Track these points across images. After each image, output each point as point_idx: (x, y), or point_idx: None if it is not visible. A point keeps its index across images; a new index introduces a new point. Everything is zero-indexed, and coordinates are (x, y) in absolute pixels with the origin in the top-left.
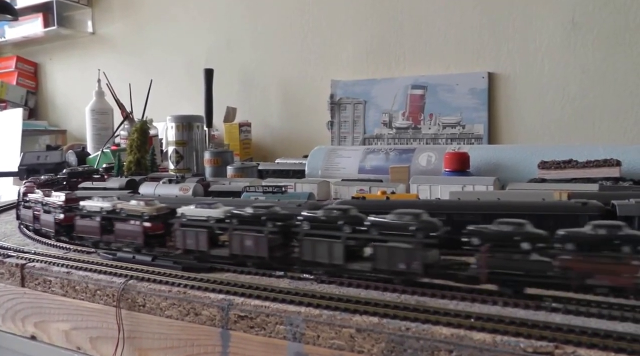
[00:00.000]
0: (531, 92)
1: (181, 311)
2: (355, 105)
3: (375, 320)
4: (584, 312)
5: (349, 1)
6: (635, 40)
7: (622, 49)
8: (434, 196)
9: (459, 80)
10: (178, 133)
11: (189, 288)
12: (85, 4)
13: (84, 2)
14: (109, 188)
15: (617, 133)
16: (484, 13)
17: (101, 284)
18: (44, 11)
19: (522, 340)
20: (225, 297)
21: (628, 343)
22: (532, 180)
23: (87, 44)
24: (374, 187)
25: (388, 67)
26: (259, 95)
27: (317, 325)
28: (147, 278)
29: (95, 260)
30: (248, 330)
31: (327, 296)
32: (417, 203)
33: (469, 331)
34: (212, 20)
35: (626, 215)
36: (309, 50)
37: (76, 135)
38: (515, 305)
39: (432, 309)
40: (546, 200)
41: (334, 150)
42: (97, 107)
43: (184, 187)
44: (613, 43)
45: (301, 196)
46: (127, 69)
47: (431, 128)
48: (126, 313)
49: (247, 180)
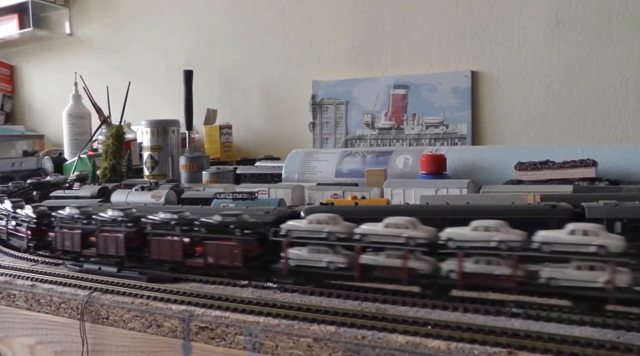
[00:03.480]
0: (515, 90)
1: (144, 323)
2: (337, 105)
3: (333, 329)
4: (544, 317)
5: (331, 1)
6: (619, 37)
7: (605, 45)
8: (408, 200)
9: (441, 79)
10: (153, 138)
11: (151, 299)
12: (62, 5)
13: (61, 2)
14: (80, 196)
15: (602, 130)
16: (467, 11)
17: (65, 297)
18: (19, 12)
19: (477, 346)
20: (187, 308)
21: (581, 347)
22: (508, 182)
23: (65, 45)
24: (348, 191)
25: (370, 67)
26: (240, 96)
27: (276, 335)
28: (111, 290)
29: (61, 272)
30: (209, 341)
31: (287, 305)
32: (385, 209)
33: (425, 338)
34: (193, 21)
35: (595, 217)
36: (290, 51)
37: (54, 140)
38: (476, 311)
39: (391, 317)
40: (516, 204)
41: (311, 153)
42: (74, 111)
43: (156, 194)
44: (596, 40)
45: (271, 202)
46: (106, 71)
47: (414, 128)
48: (90, 326)
49: (221, 186)
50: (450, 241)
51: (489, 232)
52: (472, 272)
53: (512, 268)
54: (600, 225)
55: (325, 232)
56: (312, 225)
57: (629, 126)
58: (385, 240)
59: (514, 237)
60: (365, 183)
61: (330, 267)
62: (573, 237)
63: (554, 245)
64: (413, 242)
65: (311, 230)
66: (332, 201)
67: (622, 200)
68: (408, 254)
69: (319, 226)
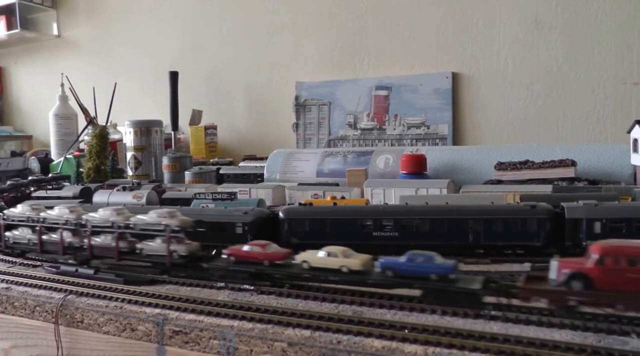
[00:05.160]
0: (495, 91)
1: (118, 326)
2: (320, 106)
3: (308, 333)
4: (524, 320)
5: (314, 3)
6: (597, 39)
7: (584, 47)
8: (388, 200)
9: (423, 80)
10: (136, 138)
11: (126, 302)
12: (50, 6)
13: (49, 3)
14: (62, 197)
15: (580, 131)
16: (448, 13)
17: (40, 300)
18: (6, 13)
19: (454, 351)
20: (161, 312)
21: (562, 352)
22: (488, 182)
23: (53, 47)
24: (329, 191)
25: (352, 68)
26: (225, 97)
27: (250, 339)
28: (86, 293)
29: (38, 275)
30: (183, 345)
31: (263, 308)
32: (364, 209)
33: (402, 343)
34: (179, 23)
35: (574, 217)
36: (274, 53)
37: (43, 141)
38: (455, 313)
39: (367, 320)
40: (495, 204)
41: (292, 153)
42: (60, 112)
43: (137, 195)
44: (575, 42)
45: (250, 203)
46: (93, 73)
47: (396, 128)
48: (65, 330)
49: (203, 186)
50: (88, 222)
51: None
52: (96, 245)
53: (115, 241)
54: (175, 209)
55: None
56: (23, 211)
57: (607, 127)
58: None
59: (122, 219)
60: (346, 183)
61: (30, 243)
62: (151, 218)
63: (140, 225)
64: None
65: (21, 215)
66: (311, 201)
67: (602, 200)
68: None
69: (30, 213)
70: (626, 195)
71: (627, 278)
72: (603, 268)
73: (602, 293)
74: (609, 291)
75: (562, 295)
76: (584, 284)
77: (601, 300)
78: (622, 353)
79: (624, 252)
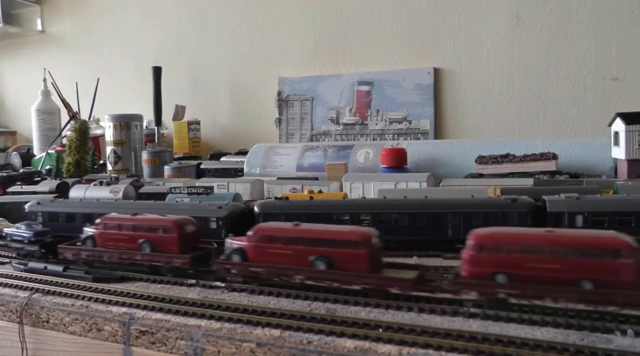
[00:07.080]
0: (477, 86)
1: (84, 326)
2: (303, 101)
3: (277, 333)
4: (504, 317)
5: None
6: (577, 35)
7: (564, 43)
8: (367, 194)
9: (404, 75)
10: (116, 132)
11: (92, 301)
12: (34, 1)
13: None
14: (38, 191)
15: (561, 125)
16: (429, 9)
17: (4, 299)
18: None
19: (430, 351)
20: (127, 311)
21: (543, 351)
22: (469, 175)
23: (37, 42)
24: (308, 185)
25: (335, 64)
26: (208, 93)
27: (218, 340)
28: (52, 291)
29: (4, 272)
30: (150, 346)
31: (232, 306)
32: (341, 203)
33: (375, 343)
34: (162, 18)
35: (556, 211)
36: (256, 48)
37: (27, 136)
38: (432, 311)
39: (340, 319)
40: (475, 197)
41: (272, 148)
42: (43, 107)
43: (114, 189)
44: (556, 37)
45: (226, 197)
46: (77, 68)
47: (378, 124)
48: (30, 330)
49: (181, 181)
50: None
51: None
52: None
53: None
54: None
55: None
56: None
57: (587, 121)
58: None
59: None
60: (326, 177)
61: None
62: None
63: None
64: None
65: None
66: (287, 195)
67: (583, 193)
68: None
69: None
70: (608, 188)
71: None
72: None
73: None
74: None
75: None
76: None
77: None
78: (606, 352)
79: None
